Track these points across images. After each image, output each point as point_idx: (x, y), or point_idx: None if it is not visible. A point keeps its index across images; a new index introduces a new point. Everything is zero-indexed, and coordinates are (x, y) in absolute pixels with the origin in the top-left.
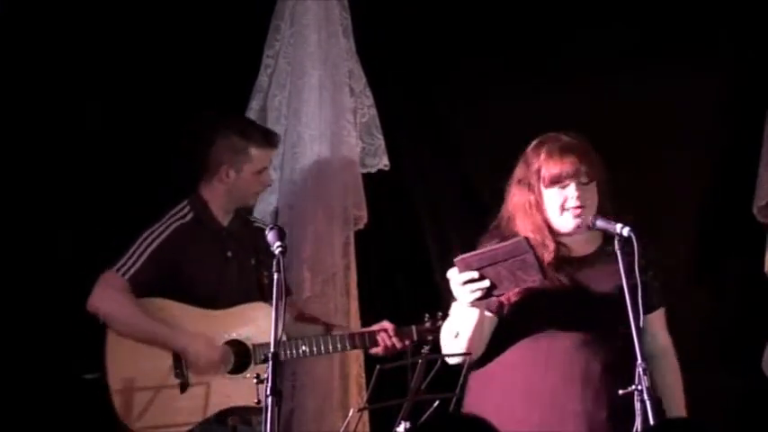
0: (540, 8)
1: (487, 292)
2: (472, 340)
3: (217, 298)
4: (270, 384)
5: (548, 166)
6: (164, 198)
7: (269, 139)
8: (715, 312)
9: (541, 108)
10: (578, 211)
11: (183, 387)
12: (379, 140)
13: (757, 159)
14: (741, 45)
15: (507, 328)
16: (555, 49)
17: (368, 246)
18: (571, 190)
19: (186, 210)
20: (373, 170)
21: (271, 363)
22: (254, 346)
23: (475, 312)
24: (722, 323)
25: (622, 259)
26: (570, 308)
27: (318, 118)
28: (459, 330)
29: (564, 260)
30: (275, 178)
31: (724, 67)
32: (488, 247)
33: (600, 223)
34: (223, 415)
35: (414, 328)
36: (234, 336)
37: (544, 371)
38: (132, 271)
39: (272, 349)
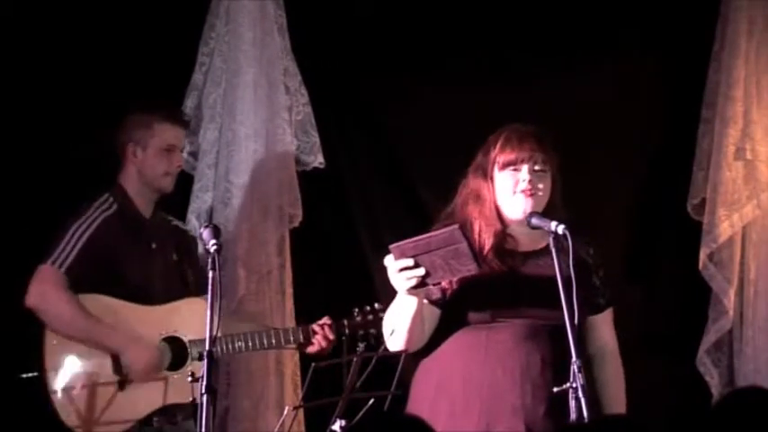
0: (475, 8)
1: (423, 281)
2: (411, 331)
3: (146, 290)
4: (205, 383)
5: (504, 150)
6: (87, 191)
7: (174, 115)
8: (650, 309)
9: (477, 107)
10: (529, 192)
11: (122, 384)
12: (315, 138)
13: (692, 158)
14: (676, 45)
15: (449, 318)
16: (490, 48)
17: (303, 244)
18: (524, 173)
19: (110, 201)
20: (308, 168)
21: (206, 361)
22: (190, 342)
23: (413, 301)
24: (658, 320)
25: (557, 257)
26: (512, 300)
27: (253, 116)
28: (398, 320)
29: (509, 252)
30: (209, 176)
31: (660, 67)
32: (423, 235)
33: (535, 221)
34: (150, 415)
35: (345, 322)
36: (171, 332)
37: (483, 362)
38: (68, 263)
39: (207, 347)
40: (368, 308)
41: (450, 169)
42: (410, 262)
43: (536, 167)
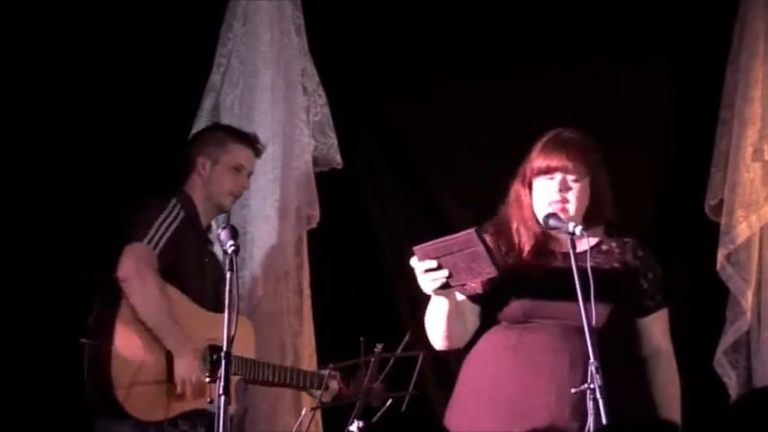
0: (492, 8)
1: (448, 282)
2: (449, 329)
3: (201, 297)
4: (222, 384)
5: (538, 156)
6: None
7: (249, 138)
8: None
9: (495, 108)
10: (559, 205)
11: (173, 376)
12: (332, 139)
13: (709, 159)
14: (694, 46)
15: (486, 316)
16: (507, 49)
17: (320, 245)
18: (555, 183)
19: (178, 207)
20: (326, 169)
21: (224, 362)
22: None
23: (444, 301)
24: (674, 321)
25: (574, 257)
26: (546, 301)
27: (271, 117)
28: (435, 320)
29: (551, 253)
30: None
31: (678, 68)
32: (444, 238)
33: (553, 222)
34: (176, 418)
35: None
36: (216, 341)
37: (512, 362)
38: (160, 247)
39: (224, 348)
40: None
41: (467, 170)
42: (434, 264)
43: (569, 176)
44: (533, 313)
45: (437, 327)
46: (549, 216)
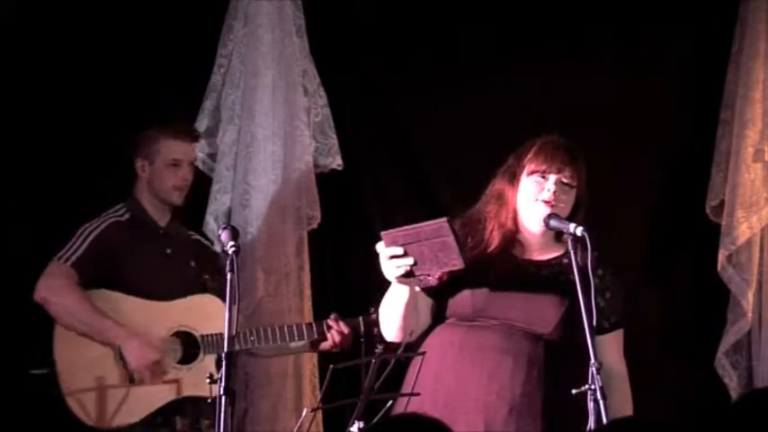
0: (493, 9)
1: (412, 270)
2: (404, 320)
3: (159, 293)
4: (223, 384)
5: (536, 156)
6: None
7: (182, 131)
8: (669, 311)
9: (496, 109)
10: (550, 205)
11: (132, 377)
12: (333, 140)
13: (710, 160)
14: (694, 47)
15: (439, 310)
16: (508, 50)
17: (321, 246)
18: (549, 183)
19: (123, 210)
20: (326, 170)
21: (224, 362)
22: (202, 336)
23: (404, 290)
24: (676, 322)
25: (575, 258)
26: (499, 303)
27: (272, 117)
28: (391, 309)
29: (513, 257)
30: (228, 177)
31: (677, 69)
32: (415, 225)
33: (554, 223)
34: (170, 411)
35: (360, 318)
36: (182, 327)
37: (456, 357)
38: (73, 259)
39: (225, 349)
40: None
41: (469, 171)
42: (400, 250)
43: (564, 180)
44: (483, 312)
45: (393, 317)
46: (550, 216)
